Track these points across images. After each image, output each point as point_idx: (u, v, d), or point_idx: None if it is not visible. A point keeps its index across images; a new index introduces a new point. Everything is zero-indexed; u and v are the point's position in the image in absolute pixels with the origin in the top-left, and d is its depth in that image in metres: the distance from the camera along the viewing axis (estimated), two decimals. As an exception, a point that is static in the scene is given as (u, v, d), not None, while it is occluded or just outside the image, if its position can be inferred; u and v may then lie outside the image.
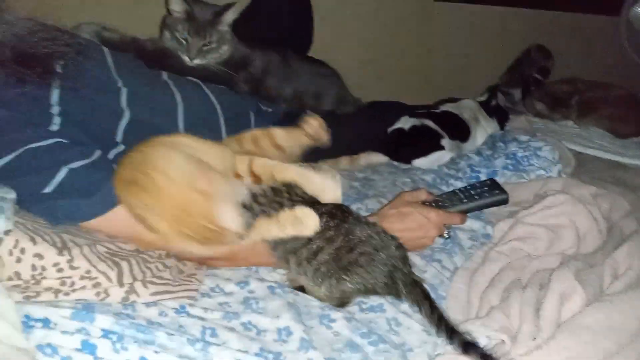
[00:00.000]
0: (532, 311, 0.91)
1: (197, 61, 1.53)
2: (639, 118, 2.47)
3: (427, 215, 1.13)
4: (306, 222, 0.94)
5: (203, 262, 1.07)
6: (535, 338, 0.87)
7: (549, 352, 0.83)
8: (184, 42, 1.53)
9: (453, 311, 1.01)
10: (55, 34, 1.09)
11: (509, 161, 1.59)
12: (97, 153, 1.01)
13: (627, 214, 1.31)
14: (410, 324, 0.97)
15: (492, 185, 1.24)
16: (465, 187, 1.26)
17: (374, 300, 1.03)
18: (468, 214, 1.22)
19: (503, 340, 0.86)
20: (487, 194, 1.21)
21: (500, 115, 2.06)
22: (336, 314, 0.97)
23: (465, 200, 1.20)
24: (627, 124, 2.39)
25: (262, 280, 1.04)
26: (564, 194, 1.21)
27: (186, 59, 1.53)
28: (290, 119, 1.64)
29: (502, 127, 2.03)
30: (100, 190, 0.96)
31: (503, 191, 1.21)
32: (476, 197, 1.21)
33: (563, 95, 2.55)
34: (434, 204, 1.19)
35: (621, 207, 1.32)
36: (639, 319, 0.88)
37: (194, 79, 1.46)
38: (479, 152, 1.75)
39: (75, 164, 0.95)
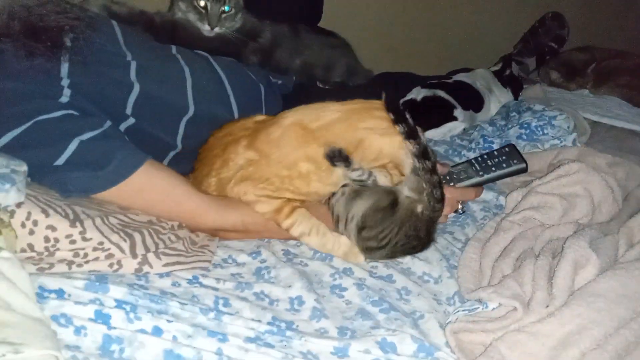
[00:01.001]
0: (545, 279, 0.91)
1: (217, 29, 1.53)
2: (657, 86, 2.42)
3: None
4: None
5: (216, 234, 1.08)
6: (548, 306, 0.86)
7: (561, 319, 0.82)
8: (203, 10, 1.52)
9: (465, 280, 1.01)
10: (64, 7, 1.08)
11: (522, 130, 1.56)
12: (108, 124, 1.01)
13: (644, 183, 1.29)
14: (420, 291, 0.98)
15: (511, 153, 1.18)
16: (482, 156, 1.20)
17: (383, 270, 1.03)
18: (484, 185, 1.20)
19: (515, 308, 0.86)
20: (505, 164, 1.16)
21: (514, 85, 2.02)
22: (347, 282, 0.97)
23: (481, 173, 1.16)
24: (644, 92, 2.35)
25: (273, 251, 1.05)
26: (578, 163, 1.19)
27: (206, 27, 1.52)
28: (301, 91, 1.64)
29: (516, 96, 1.99)
30: (112, 162, 0.96)
31: (522, 159, 1.17)
32: (493, 168, 1.16)
33: (579, 64, 2.50)
34: (447, 177, 1.16)
35: (637, 176, 1.30)
36: (654, 286, 0.87)
37: (202, 53, 1.45)
38: (492, 122, 1.73)
39: (86, 136, 0.95)
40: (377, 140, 1.01)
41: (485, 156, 1.20)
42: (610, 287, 0.86)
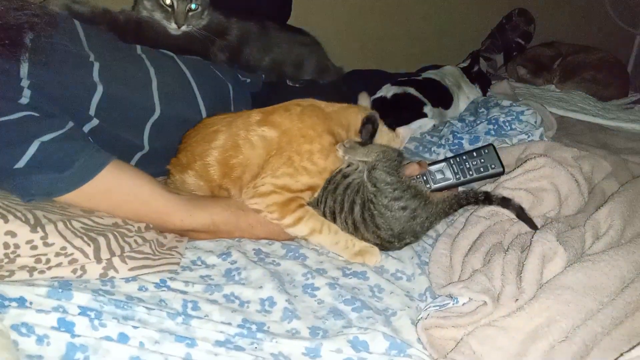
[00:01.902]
0: (514, 273, 0.91)
1: (183, 28, 1.50)
2: (620, 81, 2.48)
3: None
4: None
5: (185, 234, 1.06)
6: (517, 300, 0.87)
7: (530, 312, 0.83)
8: (169, 8, 1.49)
9: (436, 276, 1.01)
10: (22, 4, 1.04)
11: (491, 126, 1.58)
12: (70, 125, 0.98)
13: (609, 175, 1.31)
14: (392, 289, 0.97)
15: (489, 156, 1.19)
16: (461, 156, 1.20)
17: (357, 267, 1.03)
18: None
19: (485, 302, 0.86)
20: (482, 168, 1.18)
21: (482, 81, 2.04)
22: (320, 282, 0.96)
23: (458, 176, 1.18)
24: (608, 86, 2.40)
25: (244, 251, 1.03)
26: (544, 157, 1.21)
27: (173, 26, 1.49)
28: (270, 89, 1.62)
29: (484, 92, 2.02)
30: (75, 163, 0.93)
31: (499, 164, 1.19)
32: (470, 172, 1.18)
33: (545, 60, 2.54)
34: (425, 177, 1.18)
35: (602, 169, 1.33)
36: (620, 278, 0.88)
37: (168, 53, 1.42)
38: (461, 119, 1.74)
39: (47, 137, 0.92)
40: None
41: (464, 157, 1.20)
42: (577, 280, 0.87)
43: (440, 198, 1.06)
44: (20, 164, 0.90)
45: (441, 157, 1.56)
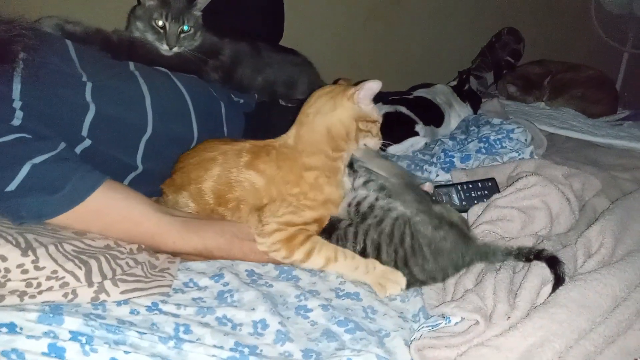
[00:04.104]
0: (505, 292, 0.92)
1: (175, 49, 1.51)
2: (609, 98, 2.51)
3: None
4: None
5: (177, 255, 1.06)
6: (509, 317, 0.87)
7: (524, 332, 0.83)
8: (161, 30, 1.50)
9: (429, 297, 1.01)
10: (15, 25, 1.03)
11: (481, 144, 1.59)
12: (62, 146, 0.98)
13: (599, 193, 1.32)
14: (386, 310, 0.97)
15: (492, 188, 1.30)
16: (467, 185, 1.29)
17: (351, 288, 1.02)
18: None
19: (477, 321, 0.86)
20: (485, 198, 1.26)
21: (473, 99, 2.06)
22: (313, 303, 0.96)
23: (464, 203, 1.26)
24: (597, 103, 2.43)
25: (237, 272, 1.03)
26: (535, 176, 1.22)
27: (165, 47, 1.50)
28: (263, 109, 1.63)
29: (475, 111, 2.04)
30: (67, 185, 0.93)
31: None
32: (475, 200, 1.26)
33: (535, 78, 2.57)
34: (433, 198, 1.21)
35: (593, 186, 1.34)
36: (612, 296, 0.88)
37: (163, 69, 1.43)
38: (452, 137, 1.76)
39: (39, 159, 0.92)
40: None
41: (470, 185, 1.30)
42: (571, 299, 0.87)
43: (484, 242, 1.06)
44: (12, 186, 0.90)
45: (432, 175, 1.57)
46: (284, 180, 1.06)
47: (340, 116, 1.08)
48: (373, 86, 1.08)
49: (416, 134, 1.77)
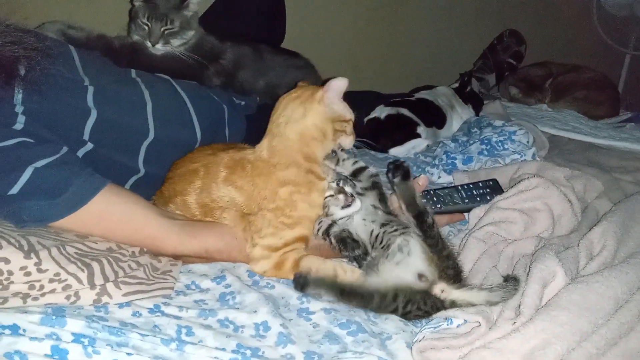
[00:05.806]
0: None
1: (159, 46, 1.53)
2: (611, 99, 2.51)
3: None
4: None
5: (178, 258, 1.06)
6: (515, 322, 0.87)
7: (526, 334, 0.83)
8: (146, 27, 1.52)
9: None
10: (19, 36, 1.04)
11: (483, 146, 1.60)
12: (64, 150, 0.98)
13: (601, 194, 1.32)
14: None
15: (494, 188, 1.28)
16: (468, 185, 1.28)
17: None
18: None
19: (479, 323, 0.86)
20: (488, 197, 1.25)
21: (475, 101, 2.07)
22: (315, 306, 0.96)
23: (467, 201, 1.24)
24: (599, 105, 2.43)
25: (238, 274, 1.03)
26: (537, 178, 1.22)
27: (149, 44, 1.52)
28: (264, 111, 1.63)
29: (477, 112, 2.04)
30: (69, 188, 0.93)
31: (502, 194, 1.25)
32: (478, 198, 1.25)
33: (537, 79, 2.57)
34: (435, 199, 1.21)
35: (595, 188, 1.34)
36: (614, 298, 0.88)
37: (164, 76, 1.43)
38: (454, 139, 1.76)
39: (41, 163, 0.93)
40: None
41: (471, 185, 1.28)
42: (573, 301, 0.87)
43: None
44: (14, 190, 0.90)
45: (435, 177, 1.57)
46: (260, 196, 1.05)
47: (314, 120, 1.06)
48: (339, 84, 1.05)
49: (418, 135, 1.77)
